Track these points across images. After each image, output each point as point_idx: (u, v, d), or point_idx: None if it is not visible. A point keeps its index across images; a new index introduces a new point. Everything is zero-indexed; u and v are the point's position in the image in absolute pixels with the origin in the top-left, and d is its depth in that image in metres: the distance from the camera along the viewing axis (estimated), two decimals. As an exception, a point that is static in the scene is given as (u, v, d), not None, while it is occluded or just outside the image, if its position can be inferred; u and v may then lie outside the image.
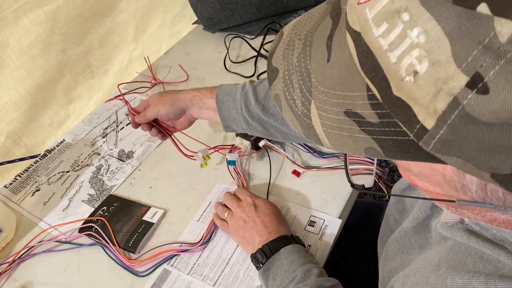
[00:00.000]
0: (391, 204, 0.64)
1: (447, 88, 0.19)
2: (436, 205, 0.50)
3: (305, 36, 0.30)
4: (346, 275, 0.84)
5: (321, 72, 0.27)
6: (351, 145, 0.25)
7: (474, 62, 0.18)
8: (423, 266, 0.43)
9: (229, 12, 1.19)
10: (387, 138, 0.23)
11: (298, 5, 1.25)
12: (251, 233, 0.66)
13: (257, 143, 0.83)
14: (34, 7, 0.86)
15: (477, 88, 0.18)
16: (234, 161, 0.81)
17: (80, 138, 0.99)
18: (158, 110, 0.71)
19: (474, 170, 0.21)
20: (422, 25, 0.19)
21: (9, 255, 0.75)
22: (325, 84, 0.27)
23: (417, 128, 0.21)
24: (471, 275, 0.35)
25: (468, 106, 0.19)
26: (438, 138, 0.20)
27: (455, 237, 0.40)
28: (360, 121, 0.24)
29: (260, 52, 1.12)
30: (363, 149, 0.25)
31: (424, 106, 0.20)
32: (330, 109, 0.26)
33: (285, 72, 0.30)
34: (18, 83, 0.89)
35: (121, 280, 0.70)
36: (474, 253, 0.37)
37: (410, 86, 0.20)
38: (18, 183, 0.89)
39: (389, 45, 0.21)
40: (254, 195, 0.72)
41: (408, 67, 0.20)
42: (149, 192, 0.84)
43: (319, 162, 0.81)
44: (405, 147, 0.23)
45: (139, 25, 1.17)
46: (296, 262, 0.60)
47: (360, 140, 0.25)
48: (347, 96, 0.25)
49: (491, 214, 0.29)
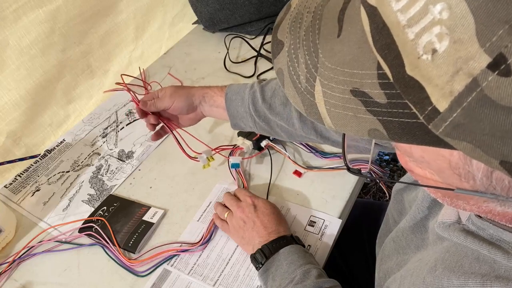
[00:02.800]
0: (391, 205, 0.64)
1: (467, 68, 0.18)
2: (433, 205, 0.50)
3: (315, 9, 0.29)
4: (346, 275, 0.84)
5: (330, 47, 0.26)
6: (354, 126, 0.24)
7: (498, 42, 0.17)
8: (419, 266, 0.43)
9: (229, 12, 1.19)
10: (393, 120, 0.22)
11: (298, 5, 1.25)
12: (251, 233, 0.66)
13: (259, 143, 0.83)
14: (34, 7, 0.86)
15: (499, 70, 0.17)
16: (238, 164, 0.81)
17: (80, 138, 0.99)
18: (173, 102, 0.71)
19: (484, 156, 0.20)
20: (447, 0, 0.18)
21: (9, 255, 0.75)
22: (332, 60, 0.25)
23: (429, 110, 0.20)
24: (467, 276, 0.35)
25: (487, 88, 0.18)
26: (450, 121, 0.20)
27: (451, 237, 0.40)
28: (367, 101, 0.23)
29: (260, 52, 1.12)
30: (367, 130, 0.24)
31: (440, 86, 0.19)
32: (336, 87, 0.25)
33: (290, 46, 0.29)
34: (18, 83, 0.89)
35: (121, 280, 0.70)
36: (470, 254, 0.37)
37: (427, 65, 0.20)
38: (18, 183, 0.89)
39: (408, 20, 0.20)
40: (254, 195, 0.72)
41: (426, 44, 0.19)
42: (149, 192, 0.84)
43: (321, 162, 0.81)
44: (412, 130, 0.22)
45: (139, 25, 1.17)
46: (295, 262, 0.60)
47: (364, 121, 0.24)
48: (356, 74, 0.24)
49: (487, 206, 0.29)
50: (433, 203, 0.50)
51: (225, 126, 0.94)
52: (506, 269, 0.34)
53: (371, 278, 0.78)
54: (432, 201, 0.50)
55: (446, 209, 0.44)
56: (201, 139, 0.85)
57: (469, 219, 0.39)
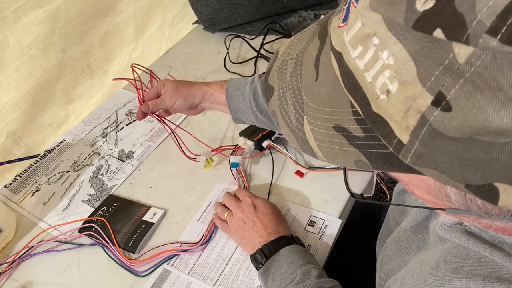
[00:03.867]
0: (392, 206, 0.64)
1: (415, 106, 0.20)
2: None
3: (297, 55, 0.31)
4: (346, 276, 0.84)
5: (311, 90, 0.29)
6: (342, 158, 0.26)
7: (436, 82, 0.19)
8: (420, 267, 0.43)
9: (229, 12, 1.19)
10: (372, 151, 0.24)
11: (298, 5, 1.25)
12: (251, 233, 0.66)
13: (261, 143, 0.83)
14: (34, 7, 0.86)
15: (441, 106, 0.19)
16: (237, 163, 0.81)
17: (80, 138, 0.99)
18: (175, 102, 0.72)
19: (450, 181, 0.22)
20: (390, 48, 0.21)
21: (9, 255, 0.75)
22: (315, 101, 0.28)
23: (395, 143, 0.22)
24: (468, 278, 0.35)
25: (434, 122, 0.20)
26: (414, 152, 0.21)
27: (453, 238, 0.40)
28: (348, 135, 0.25)
29: (260, 52, 1.12)
30: (353, 161, 0.26)
31: (398, 122, 0.21)
32: (321, 124, 0.27)
33: (279, 90, 0.31)
34: (18, 83, 0.89)
35: (121, 280, 0.70)
36: (472, 255, 0.37)
37: (385, 103, 0.22)
38: (18, 183, 0.89)
39: (365, 65, 0.22)
40: (254, 196, 0.72)
41: (382, 86, 0.22)
42: (149, 192, 0.84)
43: (323, 163, 0.81)
44: (389, 160, 0.24)
45: (139, 25, 1.17)
46: (295, 263, 0.60)
47: (349, 153, 0.26)
48: (335, 112, 0.26)
49: (485, 221, 0.29)
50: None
51: (227, 126, 0.94)
52: (508, 271, 0.34)
53: (371, 278, 0.77)
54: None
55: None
56: (203, 138, 0.86)
57: None
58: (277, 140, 0.84)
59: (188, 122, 0.98)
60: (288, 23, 1.22)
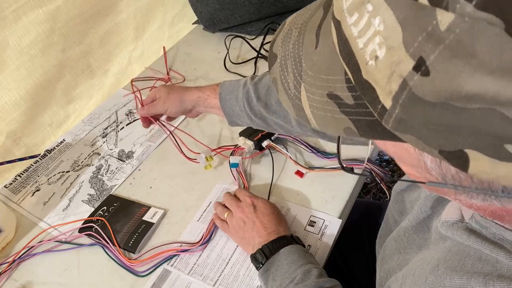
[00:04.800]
0: (391, 205, 0.64)
1: (398, 70, 0.21)
2: (436, 205, 0.50)
3: (301, 25, 0.33)
4: (346, 275, 0.84)
5: (310, 58, 0.30)
6: (333, 125, 0.28)
7: (419, 48, 0.20)
8: (421, 266, 0.43)
9: (229, 12, 1.19)
10: (360, 119, 0.26)
11: (298, 5, 1.25)
12: (251, 233, 0.66)
13: (260, 143, 0.83)
14: (34, 7, 0.86)
15: (421, 71, 0.20)
16: (237, 164, 0.81)
17: (80, 138, 0.99)
18: (167, 108, 0.76)
19: (426, 147, 0.23)
20: (382, 15, 0.22)
21: (9, 255, 0.75)
22: (313, 69, 0.29)
23: (379, 108, 0.23)
24: (469, 276, 0.35)
25: (414, 87, 0.21)
26: (395, 117, 0.22)
27: (454, 236, 0.40)
28: (339, 102, 0.27)
29: (260, 52, 1.12)
30: (343, 129, 0.27)
31: (383, 87, 0.22)
32: (316, 92, 0.28)
33: (282, 58, 0.33)
34: (18, 83, 0.89)
35: (121, 280, 0.70)
36: (473, 253, 0.37)
37: (373, 69, 0.23)
38: (18, 183, 0.89)
39: (359, 32, 0.23)
40: (254, 196, 0.72)
41: (371, 52, 0.22)
42: (149, 192, 0.84)
43: (323, 163, 0.81)
44: (374, 127, 0.25)
45: (139, 25, 1.17)
46: (295, 262, 0.60)
47: (340, 121, 0.27)
48: (330, 79, 0.28)
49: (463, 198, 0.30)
50: (435, 203, 0.50)
51: (227, 126, 0.94)
52: (509, 269, 0.34)
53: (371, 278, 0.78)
54: (435, 201, 0.50)
55: (449, 207, 0.44)
56: (202, 139, 0.86)
57: (472, 218, 0.39)
58: (277, 140, 0.84)
59: (188, 123, 0.98)
60: (289, 21, 1.22)
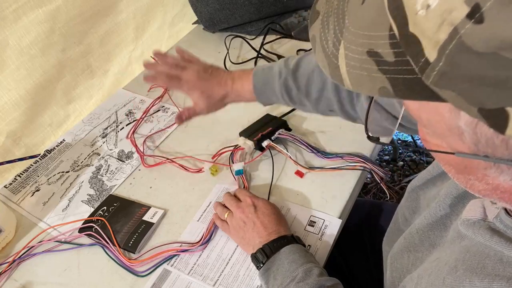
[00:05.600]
0: (403, 202, 0.63)
1: (450, 18, 0.21)
2: (456, 203, 0.48)
3: None
4: (347, 275, 0.84)
5: (355, 13, 0.29)
6: (367, 85, 0.27)
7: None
8: (438, 266, 0.42)
9: (229, 12, 1.19)
10: (398, 77, 0.25)
11: (298, 5, 1.25)
12: (251, 234, 0.66)
13: (260, 143, 0.83)
14: (34, 7, 0.86)
15: (475, 18, 0.20)
16: (241, 170, 0.81)
17: (80, 138, 0.99)
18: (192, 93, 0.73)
19: (464, 104, 0.22)
20: None
21: (9, 255, 0.75)
22: (355, 25, 0.28)
23: (422, 62, 0.23)
24: (491, 278, 0.34)
25: (464, 35, 0.20)
26: (438, 70, 0.22)
27: (476, 235, 0.39)
28: (379, 60, 0.26)
29: (260, 52, 1.12)
30: (377, 88, 0.26)
31: (429, 38, 0.22)
32: (356, 49, 0.28)
33: (324, 15, 0.32)
34: (18, 83, 0.89)
35: (121, 280, 0.70)
36: (493, 254, 0.36)
37: (422, 19, 0.22)
38: (18, 183, 0.89)
39: None
40: (254, 196, 0.72)
41: (423, 1, 0.22)
42: (149, 192, 0.84)
43: (323, 163, 0.81)
44: (412, 86, 0.24)
45: (139, 25, 1.17)
46: (296, 261, 0.60)
47: (376, 80, 0.26)
48: (372, 36, 0.27)
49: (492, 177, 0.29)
50: (456, 200, 0.48)
51: (227, 126, 0.94)
52: None
53: (372, 278, 0.77)
54: (455, 199, 0.48)
55: (471, 206, 0.43)
56: (202, 138, 0.86)
57: (498, 217, 0.38)
58: (277, 140, 0.84)
59: (188, 123, 0.97)
60: (288, 23, 1.22)
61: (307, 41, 1.15)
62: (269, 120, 0.89)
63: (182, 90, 0.74)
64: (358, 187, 0.79)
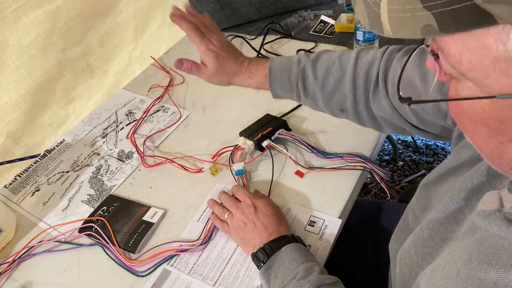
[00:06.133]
0: (414, 200, 0.62)
1: None
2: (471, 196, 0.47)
3: None
4: (347, 275, 0.84)
5: None
6: (410, 26, 0.28)
7: None
8: (451, 260, 0.41)
9: (229, 12, 1.19)
10: (445, 10, 0.25)
11: (298, 5, 1.25)
12: (252, 234, 0.66)
13: (260, 143, 0.83)
14: (34, 7, 0.86)
15: None
16: (241, 170, 0.81)
17: (80, 138, 0.99)
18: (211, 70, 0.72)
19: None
20: None
21: (9, 255, 0.75)
22: None
23: None
24: (507, 269, 0.34)
25: None
26: None
27: (491, 226, 0.38)
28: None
29: (260, 53, 1.12)
30: (420, 28, 0.27)
31: None
32: None
33: None
34: (18, 83, 0.89)
35: (121, 280, 0.70)
36: (507, 245, 0.36)
37: None
38: (18, 183, 0.89)
39: None
40: (253, 195, 0.72)
41: None
42: (149, 192, 0.84)
43: (323, 163, 0.81)
44: (460, 15, 0.25)
45: (139, 25, 1.17)
46: (297, 260, 0.60)
47: (419, 19, 0.27)
48: None
49: None
50: (470, 193, 0.47)
51: (227, 127, 0.94)
52: None
53: (372, 278, 0.77)
54: (470, 192, 0.47)
55: (487, 197, 0.42)
56: (203, 138, 0.86)
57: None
58: (277, 140, 0.84)
59: (188, 123, 0.98)
60: (288, 23, 1.22)
61: (307, 41, 1.15)
62: (269, 120, 0.89)
63: (201, 47, 0.71)
64: (358, 187, 0.79)
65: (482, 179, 0.45)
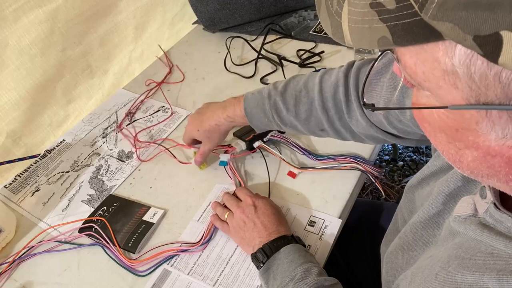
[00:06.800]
0: (402, 204, 0.63)
1: None
2: (449, 200, 0.48)
3: None
4: (347, 275, 0.84)
5: None
6: (368, 37, 0.28)
7: None
8: (431, 263, 0.43)
9: (229, 12, 1.19)
10: (398, 24, 0.26)
11: (298, 5, 1.25)
12: (251, 234, 0.66)
13: (252, 143, 0.84)
14: (34, 7, 0.86)
15: None
16: (225, 162, 0.82)
17: (80, 138, 0.99)
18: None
19: (460, 34, 0.23)
20: None
21: (9, 255, 0.75)
22: None
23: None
24: (482, 272, 0.35)
25: None
26: (436, 2, 0.23)
27: (467, 231, 0.40)
28: (380, 10, 0.27)
29: (261, 53, 1.12)
30: (377, 40, 0.27)
31: None
32: (359, 3, 0.28)
33: None
34: (18, 83, 0.89)
35: (121, 280, 0.70)
36: (484, 249, 0.37)
37: None
38: (18, 183, 0.89)
39: None
40: (254, 195, 0.72)
41: None
42: (149, 192, 0.84)
43: (314, 163, 0.81)
44: (411, 29, 0.25)
45: (139, 25, 1.17)
46: (296, 261, 0.60)
47: (376, 31, 0.27)
48: None
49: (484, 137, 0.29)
50: (447, 198, 0.49)
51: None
52: None
53: (372, 278, 0.78)
54: (447, 196, 0.49)
55: (462, 202, 0.43)
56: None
57: (487, 211, 0.39)
58: (269, 141, 0.85)
59: (188, 122, 0.98)
60: (288, 23, 1.22)
61: (307, 41, 1.15)
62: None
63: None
64: (358, 187, 0.79)
65: (458, 184, 0.47)
